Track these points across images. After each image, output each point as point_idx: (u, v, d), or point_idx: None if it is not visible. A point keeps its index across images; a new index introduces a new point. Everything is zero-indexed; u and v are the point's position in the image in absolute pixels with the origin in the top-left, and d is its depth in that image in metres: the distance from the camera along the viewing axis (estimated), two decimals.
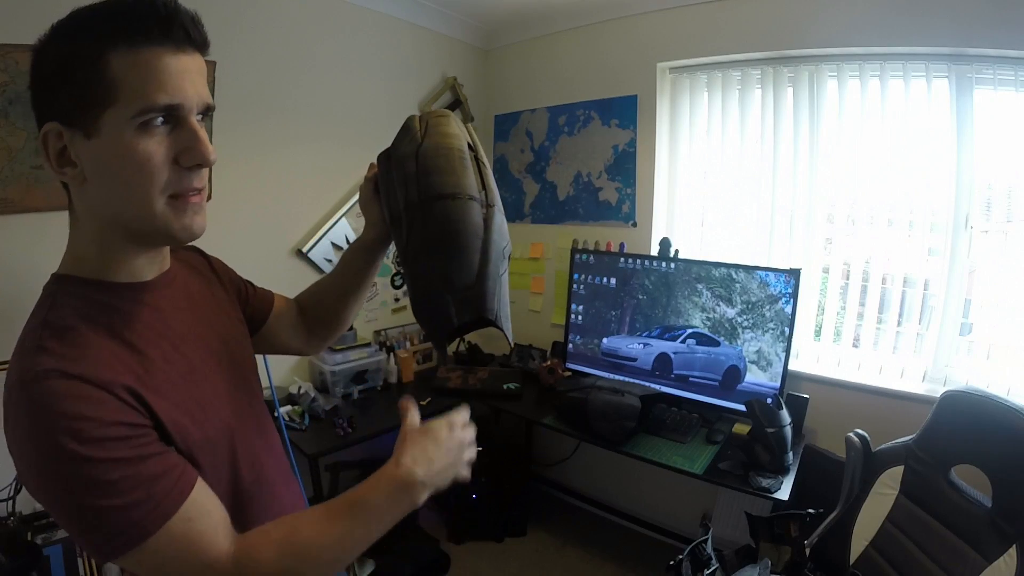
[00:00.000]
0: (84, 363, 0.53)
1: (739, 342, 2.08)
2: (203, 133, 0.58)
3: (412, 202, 0.73)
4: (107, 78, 0.52)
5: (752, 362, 2.06)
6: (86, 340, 0.56)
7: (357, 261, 0.95)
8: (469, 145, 0.79)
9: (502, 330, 0.74)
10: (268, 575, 0.59)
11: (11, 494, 1.42)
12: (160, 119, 0.55)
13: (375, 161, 0.87)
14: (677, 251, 2.28)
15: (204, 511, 0.58)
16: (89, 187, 0.57)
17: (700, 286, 2.16)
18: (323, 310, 0.98)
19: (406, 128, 0.80)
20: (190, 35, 0.56)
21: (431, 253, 0.72)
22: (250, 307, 0.89)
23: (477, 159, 0.78)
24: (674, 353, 2.22)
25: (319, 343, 1.02)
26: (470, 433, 0.74)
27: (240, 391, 0.74)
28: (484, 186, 0.76)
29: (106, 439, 0.51)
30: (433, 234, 0.72)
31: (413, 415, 0.72)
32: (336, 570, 0.64)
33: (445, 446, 0.69)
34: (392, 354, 2.49)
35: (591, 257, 2.46)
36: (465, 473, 0.73)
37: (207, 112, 0.60)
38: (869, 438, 1.61)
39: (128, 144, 0.54)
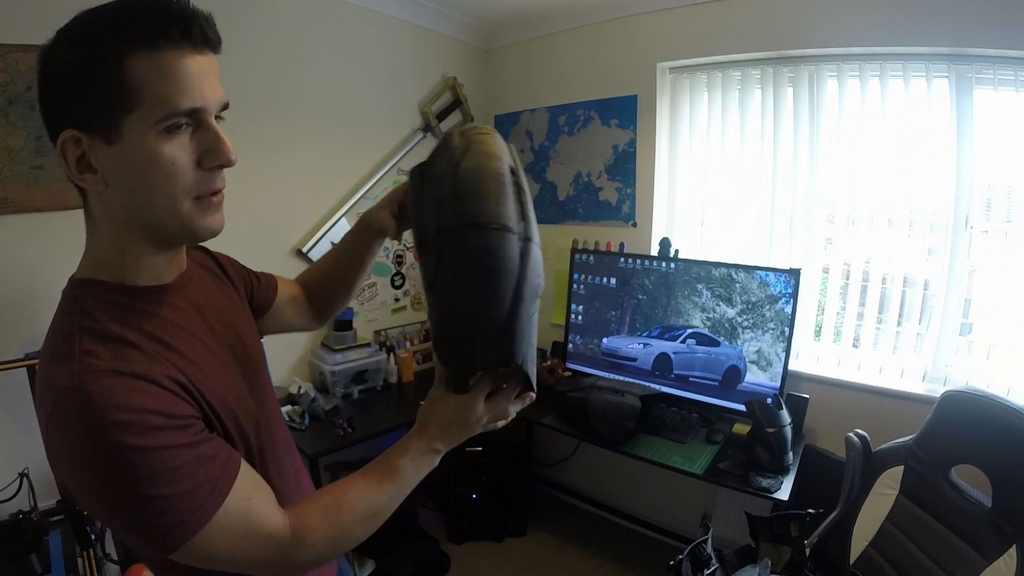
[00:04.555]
0: (131, 361, 0.55)
1: (739, 342, 2.08)
2: (223, 134, 0.58)
3: (445, 228, 0.67)
4: (128, 82, 0.51)
5: (752, 362, 2.06)
6: (126, 341, 0.57)
7: (361, 246, 0.95)
8: (511, 169, 0.72)
9: (527, 374, 0.71)
10: (323, 539, 0.64)
11: (18, 488, 1.42)
12: (184, 122, 0.55)
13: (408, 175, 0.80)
14: (677, 251, 2.28)
15: (256, 488, 0.62)
16: (111, 192, 0.56)
17: (700, 286, 2.15)
18: (327, 290, 1.01)
19: (444, 144, 0.72)
20: (207, 35, 0.55)
21: (462, 288, 0.67)
22: (256, 296, 0.91)
23: (518, 184, 0.71)
24: (674, 353, 2.22)
25: (321, 320, 1.05)
26: (506, 409, 0.76)
27: (259, 386, 0.77)
28: (523, 216, 0.69)
29: (166, 428, 0.53)
30: (466, 268, 0.66)
31: (440, 382, 0.74)
32: (373, 529, 0.70)
33: (466, 423, 0.73)
34: (392, 354, 2.49)
35: (591, 257, 2.46)
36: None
37: (224, 109, 0.61)
38: (869, 438, 1.60)
39: (153, 149, 0.54)
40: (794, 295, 1.95)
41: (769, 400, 1.83)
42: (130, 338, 0.57)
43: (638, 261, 2.32)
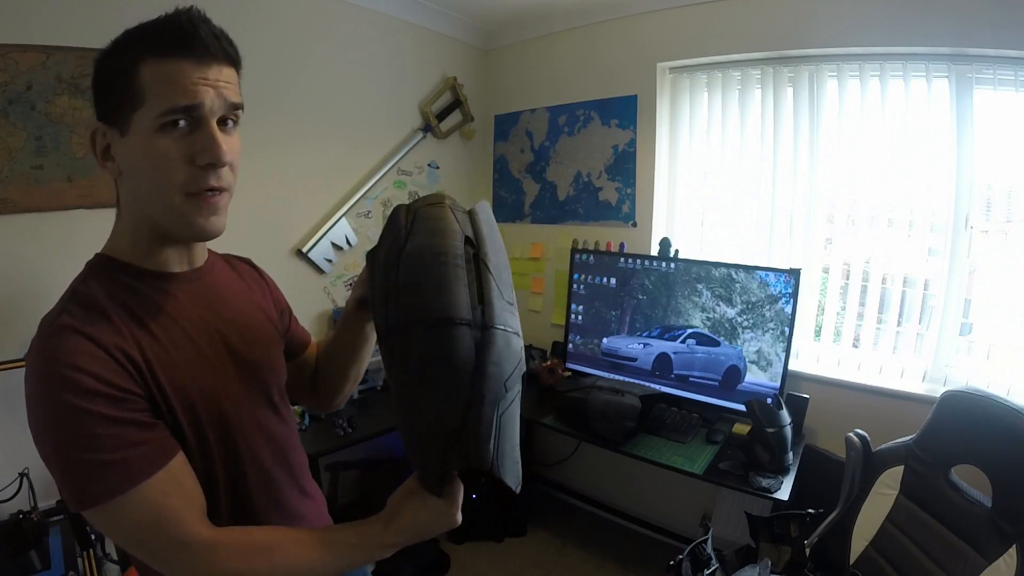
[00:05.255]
0: (94, 326, 0.59)
1: (739, 342, 2.08)
2: (218, 135, 0.62)
3: (392, 325, 0.62)
4: (137, 84, 0.59)
5: (752, 362, 2.06)
6: (103, 310, 0.62)
7: (346, 329, 0.90)
8: (469, 241, 0.64)
9: (502, 480, 0.63)
10: (231, 570, 0.61)
11: (18, 488, 1.42)
12: (182, 122, 0.60)
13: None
14: (677, 251, 2.28)
15: (180, 489, 0.61)
16: (124, 180, 0.65)
17: (700, 286, 2.15)
18: (326, 371, 0.97)
19: (391, 222, 0.66)
20: (209, 49, 0.61)
21: (411, 395, 0.62)
22: (285, 338, 0.89)
23: (479, 260, 0.64)
24: (674, 353, 2.22)
25: (325, 401, 1.00)
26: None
27: (253, 392, 0.76)
28: (482, 299, 0.62)
29: (98, 394, 0.56)
30: (410, 373, 0.61)
31: (413, 478, 0.70)
32: None
33: (437, 526, 0.69)
34: None
35: (591, 257, 2.46)
36: None
37: (235, 111, 0.65)
38: (869, 438, 1.60)
39: (149, 142, 0.60)
40: (794, 295, 1.95)
41: (769, 400, 1.83)
42: (106, 308, 0.62)
43: (638, 261, 2.32)
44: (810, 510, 1.59)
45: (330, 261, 2.35)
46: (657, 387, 2.16)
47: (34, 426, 0.58)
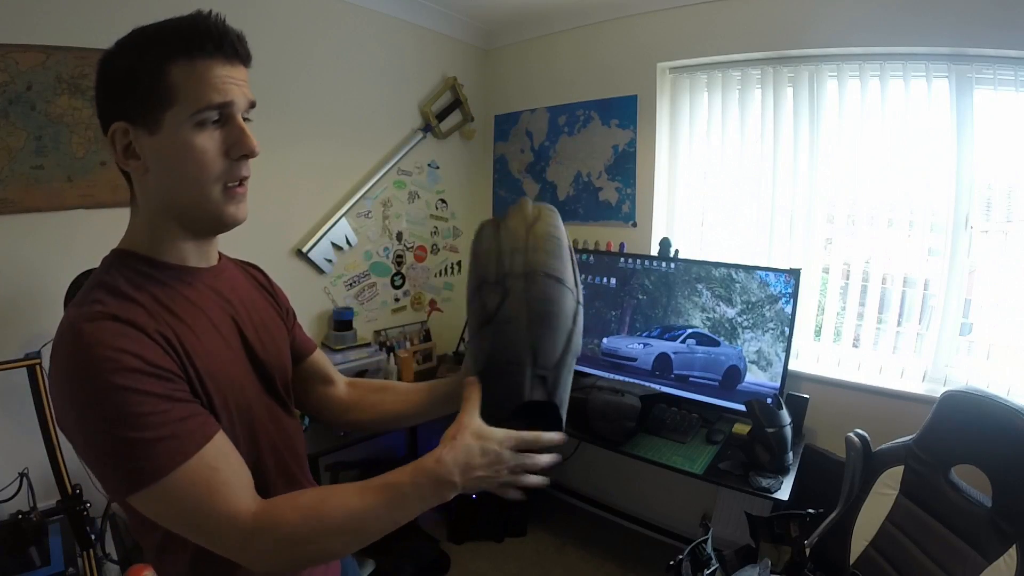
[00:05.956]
0: (129, 312, 0.60)
1: (739, 342, 2.08)
2: (247, 129, 0.66)
3: (516, 272, 0.74)
4: (168, 84, 0.61)
5: (752, 362, 2.06)
6: (133, 298, 0.63)
7: (424, 402, 0.92)
8: (570, 245, 0.81)
9: (560, 417, 0.77)
10: (287, 535, 0.60)
11: (18, 488, 1.43)
12: (214, 116, 0.63)
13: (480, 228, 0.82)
14: (677, 251, 2.28)
15: (227, 463, 0.62)
16: (150, 177, 0.65)
17: (700, 286, 2.15)
18: (370, 405, 0.96)
19: (519, 207, 0.81)
20: (237, 50, 0.65)
21: (527, 323, 0.72)
22: (290, 337, 0.90)
23: (573, 258, 0.80)
24: (674, 353, 2.22)
25: (344, 422, 0.98)
26: (537, 459, 0.71)
27: (267, 384, 0.78)
28: (577, 283, 0.79)
29: (141, 373, 0.57)
30: (534, 306, 0.72)
31: (471, 410, 0.70)
32: (351, 547, 0.65)
33: (492, 461, 0.67)
34: (392, 354, 2.49)
35: (591, 257, 2.46)
36: (507, 492, 0.71)
37: (251, 108, 0.69)
38: (869, 438, 1.60)
39: (186, 139, 0.62)
40: (794, 295, 1.95)
41: (769, 400, 1.83)
42: (138, 298, 0.63)
43: (638, 261, 2.32)
44: (810, 510, 1.60)
45: (330, 261, 2.35)
46: (657, 387, 2.16)
47: (72, 416, 0.57)
